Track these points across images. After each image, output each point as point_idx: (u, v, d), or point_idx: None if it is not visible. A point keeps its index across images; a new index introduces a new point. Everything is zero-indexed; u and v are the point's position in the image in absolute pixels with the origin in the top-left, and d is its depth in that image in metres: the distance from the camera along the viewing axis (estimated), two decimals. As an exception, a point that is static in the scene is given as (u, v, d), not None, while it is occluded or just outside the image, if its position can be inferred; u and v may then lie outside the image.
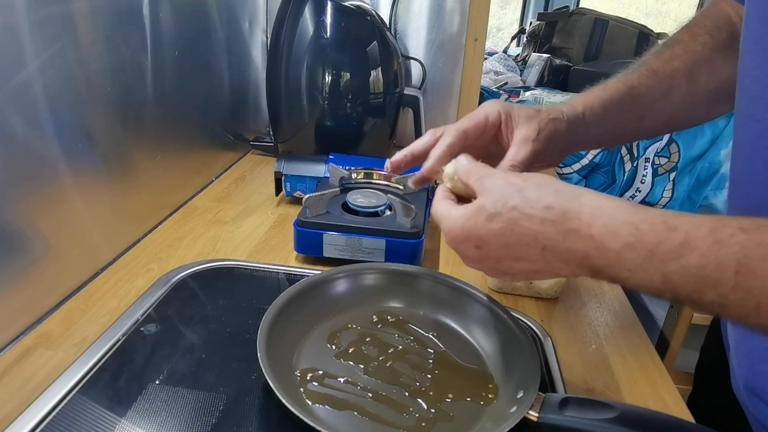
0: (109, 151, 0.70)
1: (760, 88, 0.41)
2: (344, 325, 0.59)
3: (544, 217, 0.38)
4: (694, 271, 0.32)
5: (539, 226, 0.38)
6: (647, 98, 0.54)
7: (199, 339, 0.58)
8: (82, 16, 0.62)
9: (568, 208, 0.37)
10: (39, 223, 0.59)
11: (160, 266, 0.72)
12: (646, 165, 1.44)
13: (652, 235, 0.34)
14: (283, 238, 0.81)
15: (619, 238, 0.35)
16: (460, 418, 0.49)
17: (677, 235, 0.33)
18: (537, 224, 0.38)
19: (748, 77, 0.43)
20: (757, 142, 0.41)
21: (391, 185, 0.84)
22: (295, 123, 1.02)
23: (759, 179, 0.42)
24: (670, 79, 0.54)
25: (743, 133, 0.44)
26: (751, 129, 0.42)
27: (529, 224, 0.38)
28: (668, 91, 0.54)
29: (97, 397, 0.49)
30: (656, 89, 0.54)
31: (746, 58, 0.43)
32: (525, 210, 0.39)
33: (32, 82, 0.56)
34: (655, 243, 0.34)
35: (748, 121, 0.43)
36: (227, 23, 1.00)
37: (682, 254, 0.33)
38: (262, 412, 0.49)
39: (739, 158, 0.45)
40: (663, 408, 0.54)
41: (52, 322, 0.60)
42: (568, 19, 1.99)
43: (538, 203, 0.38)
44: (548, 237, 0.38)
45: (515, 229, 0.39)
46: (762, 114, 0.40)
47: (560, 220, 0.37)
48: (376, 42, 0.98)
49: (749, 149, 0.42)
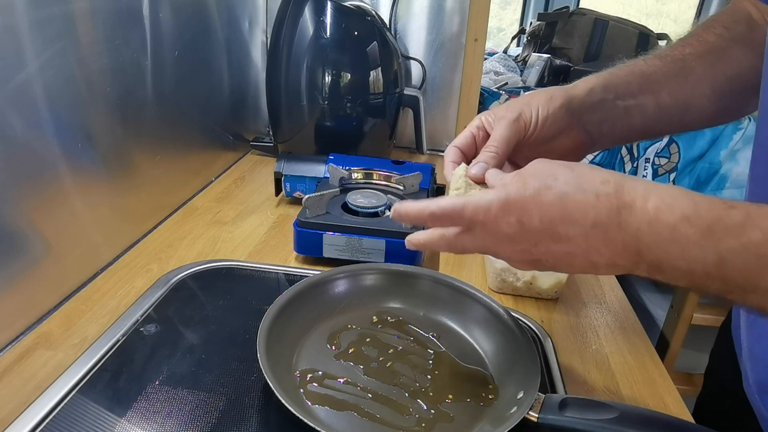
0: (109, 152, 0.70)
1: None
2: (344, 325, 0.59)
3: (600, 191, 0.35)
4: (755, 249, 0.30)
5: (594, 199, 0.35)
6: (658, 75, 0.53)
7: (198, 339, 0.58)
8: (82, 16, 0.62)
9: (624, 182, 0.36)
10: (39, 224, 0.59)
11: (159, 266, 0.72)
12: (646, 165, 1.43)
13: (712, 210, 0.32)
14: (282, 239, 0.81)
15: (677, 211, 0.33)
16: (459, 418, 0.49)
17: (737, 213, 0.31)
18: (592, 198, 0.35)
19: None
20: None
21: (391, 185, 0.84)
22: (294, 123, 1.02)
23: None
24: (681, 61, 0.53)
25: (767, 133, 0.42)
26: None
27: (584, 197, 0.36)
28: (683, 72, 0.53)
29: (96, 397, 0.49)
30: (667, 67, 0.53)
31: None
32: (581, 184, 0.36)
33: (32, 82, 0.56)
34: (715, 218, 0.32)
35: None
36: (227, 23, 1.00)
37: (744, 231, 0.31)
38: (261, 412, 0.49)
39: (761, 158, 0.44)
40: (663, 408, 0.54)
41: (51, 322, 0.60)
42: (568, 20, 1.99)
43: (594, 177, 0.36)
44: (601, 212, 0.35)
45: (567, 203, 0.36)
46: None
47: (616, 193, 0.35)
48: (376, 42, 0.98)
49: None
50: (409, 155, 1.17)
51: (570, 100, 0.50)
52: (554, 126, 0.50)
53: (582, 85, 0.51)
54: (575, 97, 0.50)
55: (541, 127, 0.49)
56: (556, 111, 0.49)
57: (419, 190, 0.82)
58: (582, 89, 0.51)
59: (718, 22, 0.56)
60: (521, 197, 0.37)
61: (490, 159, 0.47)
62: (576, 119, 0.51)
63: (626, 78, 0.52)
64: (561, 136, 0.51)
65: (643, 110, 0.53)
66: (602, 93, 0.51)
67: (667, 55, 0.54)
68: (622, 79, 0.52)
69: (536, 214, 0.37)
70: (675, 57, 0.53)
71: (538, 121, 0.49)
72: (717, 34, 0.54)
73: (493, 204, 0.38)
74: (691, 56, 0.53)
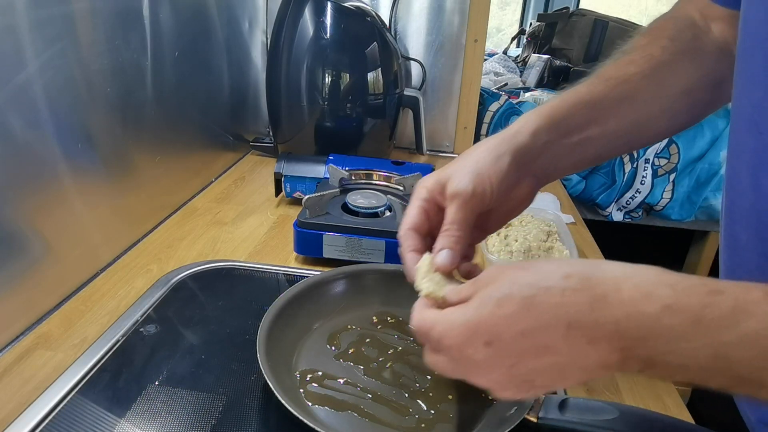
0: (108, 152, 0.70)
1: (764, 96, 0.38)
2: (344, 326, 0.59)
3: (565, 287, 0.32)
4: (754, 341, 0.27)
5: (560, 297, 0.32)
6: (604, 102, 0.49)
7: (198, 340, 0.58)
8: (82, 16, 0.62)
9: (589, 273, 0.32)
10: (39, 224, 0.59)
11: (159, 267, 0.72)
12: (645, 166, 1.44)
13: (694, 296, 0.29)
14: (282, 239, 0.81)
15: (655, 300, 0.30)
16: (459, 419, 0.49)
17: (725, 299, 0.28)
18: (558, 296, 0.32)
19: (750, 82, 0.40)
20: (762, 154, 0.38)
21: (391, 186, 0.84)
22: (294, 124, 1.02)
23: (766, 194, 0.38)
24: (627, 83, 0.50)
25: (745, 144, 0.41)
26: (754, 140, 0.39)
27: (549, 298, 0.32)
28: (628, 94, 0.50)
29: (96, 397, 0.49)
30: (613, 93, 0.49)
31: (746, 63, 0.41)
32: (541, 283, 0.32)
33: (32, 82, 0.56)
34: (700, 306, 0.29)
35: (751, 131, 0.40)
36: (227, 24, 1.00)
37: (738, 320, 0.28)
38: (261, 413, 0.49)
39: (740, 170, 0.42)
40: (663, 409, 0.54)
41: (51, 322, 0.60)
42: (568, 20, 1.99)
43: (555, 273, 0.33)
44: (573, 309, 0.31)
45: (532, 309, 0.32)
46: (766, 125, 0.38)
47: (584, 287, 0.31)
48: (376, 43, 0.98)
49: (753, 161, 0.39)
50: (409, 156, 1.17)
51: (517, 154, 0.46)
52: (507, 186, 0.46)
53: (525, 130, 0.47)
54: (521, 148, 0.46)
55: (497, 196, 0.45)
56: (507, 172, 0.45)
57: (419, 191, 0.82)
58: (526, 135, 0.47)
59: (663, 32, 0.53)
60: (482, 316, 0.33)
61: (453, 244, 0.43)
62: (525, 170, 0.47)
63: (570, 111, 0.48)
64: (513, 190, 0.48)
65: (591, 143, 0.50)
66: (547, 134, 0.47)
67: (611, 77, 0.50)
68: (565, 113, 0.48)
69: (506, 331, 0.33)
70: (620, 78, 0.50)
71: (494, 192, 0.45)
72: (662, 47, 0.51)
73: (453, 332, 0.34)
74: (636, 76, 0.50)
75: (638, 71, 0.50)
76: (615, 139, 0.51)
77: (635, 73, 0.50)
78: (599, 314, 0.31)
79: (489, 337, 0.33)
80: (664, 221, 1.53)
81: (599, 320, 0.31)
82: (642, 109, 0.51)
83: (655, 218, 1.53)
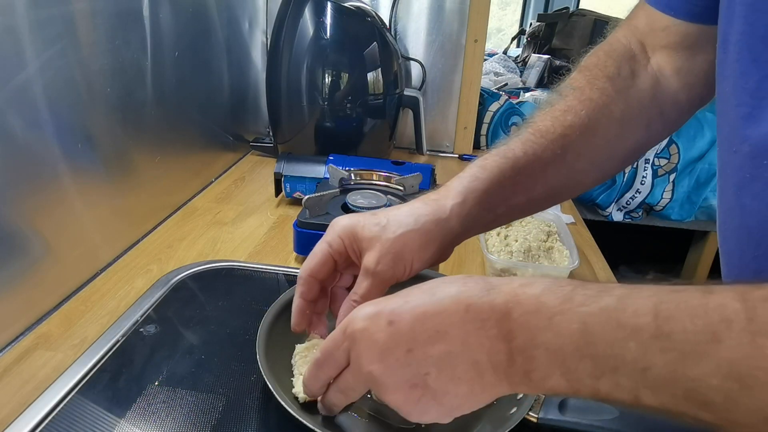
0: (108, 152, 0.70)
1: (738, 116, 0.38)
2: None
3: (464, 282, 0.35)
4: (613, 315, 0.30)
5: (462, 284, 0.35)
6: (535, 166, 0.47)
7: (198, 340, 0.58)
8: (83, 17, 0.62)
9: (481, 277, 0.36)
10: (38, 224, 0.59)
11: (159, 267, 0.72)
12: (645, 166, 1.44)
13: (568, 285, 0.32)
14: (282, 239, 0.81)
15: (538, 285, 0.33)
16: (459, 419, 0.49)
17: (594, 284, 0.32)
18: (457, 286, 0.35)
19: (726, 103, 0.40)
20: (741, 173, 0.39)
21: (391, 186, 0.84)
22: (294, 124, 1.02)
23: (751, 212, 0.39)
24: (563, 138, 0.48)
25: (727, 163, 0.41)
26: (734, 159, 0.40)
27: (452, 286, 0.35)
28: (562, 151, 0.48)
29: (96, 398, 0.49)
30: (546, 152, 0.47)
31: (723, 83, 0.41)
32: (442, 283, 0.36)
33: (32, 83, 0.56)
34: (572, 287, 0.32)
35: (730, 150, 0.40)
36: (227, 24, 1.00)
37: (600, 297, 0.30)
38: (261, 413, 0.49)
39: (726, 189, 0.42)
40: (663, 409, 0.54)
41: (51, 322, 0.60)
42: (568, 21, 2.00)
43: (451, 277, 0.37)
44: (471, 293, 0.34)
45: (435, 295, 0.35)
46: (741, 144, 0.38)
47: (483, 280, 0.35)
48: (376, 43, 0.98)
49: (735, 180, 0.40)
50: (409, 156, 1.17)
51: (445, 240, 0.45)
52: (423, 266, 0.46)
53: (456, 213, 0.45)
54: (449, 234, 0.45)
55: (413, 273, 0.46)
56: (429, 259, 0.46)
57: (419, 191, 0.82)
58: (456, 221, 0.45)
59: (602, 71, 0.50)
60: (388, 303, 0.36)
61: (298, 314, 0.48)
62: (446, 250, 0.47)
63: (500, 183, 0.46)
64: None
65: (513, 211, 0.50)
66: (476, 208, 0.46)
67: (547, 131, 0.48)
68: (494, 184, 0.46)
69: (406, 312, 0.35)
70: (556, 133, 0.47)
71: (410, 273, 0.45)
72: (600, 89, 0.49)
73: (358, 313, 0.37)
74: (572, 129, 0.48)
75: (575, 122, 0.48)
76: (537, 204, 0.51)
77: (571, 124, 0.48)
78: (493, 296, 0.34)
79: (392, 317, 0.35)
80: (664, 221, 1.53)
81: (493, 301, 0.33)
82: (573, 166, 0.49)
83: (655, 218, 1.53)
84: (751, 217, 0.39)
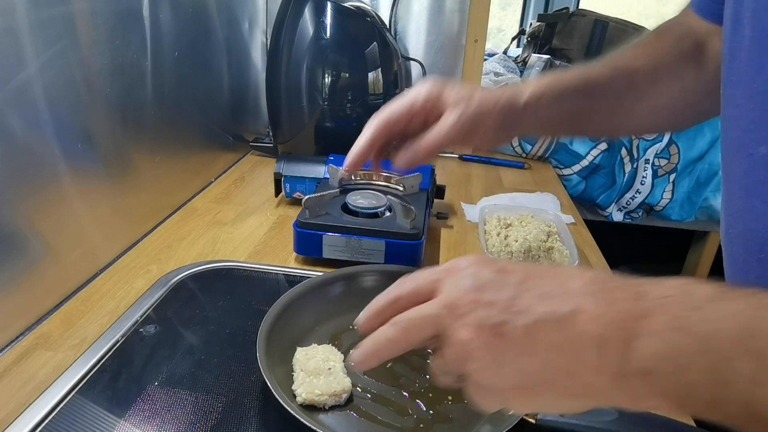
0: (108, 152, 0.70)
1: (750, 120, 0.39)
2: (344, 327, 0.59)
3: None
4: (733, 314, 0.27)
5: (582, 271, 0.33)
6: (604, 91, 0.53)
7: (198, 340, 0.58)
8: (83, 17, 0.62)
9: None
10: (38, 224, 0.59)
11: (159, 267, 0.72)
12: (646, 166, 1.44)
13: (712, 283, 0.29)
14: (282, 240, 0.81)
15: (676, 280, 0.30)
16: (458, 419, 0.49)
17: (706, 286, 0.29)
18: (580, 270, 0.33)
19: (737, 108, 0.41)
20: (751, 177, 0.39)
21: (391, 186, 0.84)
22: (294, 124, 1.02)
23: (758, 215, 0.39)
24: (631, 75, 0.54)
25: (736, 167, 0.41)
26: (744, 163, 0.40)
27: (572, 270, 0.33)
28: (628, 87, 0.53)
29: (96, 398, 0.49)
30: (615, 84, 0.53)
31: (732, 88, 0.42)
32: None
33: (32, 83, 0.56)
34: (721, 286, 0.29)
35: (739, 154, 0.40)
36: (227, 24, 1.00)
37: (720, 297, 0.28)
38: (261, 413, 0.49)
39: (733, 193, 0.42)
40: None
41: (51, 323, 0.60)
42: (568, 21, 1.99)
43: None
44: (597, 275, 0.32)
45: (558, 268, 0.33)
46: (755, 147, 0.38)
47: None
48: (376, 43, 0.98)
49: (744, 184, 0.40)
50: (408, 156, 1.17)
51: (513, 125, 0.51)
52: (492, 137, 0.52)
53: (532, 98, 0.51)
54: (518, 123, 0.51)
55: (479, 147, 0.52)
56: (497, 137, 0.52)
57: (419, 191, 0.82)
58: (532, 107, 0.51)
59: (671, 34, 0.56)
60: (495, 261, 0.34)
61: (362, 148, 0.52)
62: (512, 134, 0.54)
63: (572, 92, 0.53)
64: None
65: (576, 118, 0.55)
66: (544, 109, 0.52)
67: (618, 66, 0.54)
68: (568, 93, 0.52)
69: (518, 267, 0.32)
70: (626, 69, 0.54)
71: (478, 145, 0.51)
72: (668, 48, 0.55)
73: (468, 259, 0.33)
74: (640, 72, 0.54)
75: (643, 68, 0.53)
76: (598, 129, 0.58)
77: (640, 68, 0.53)
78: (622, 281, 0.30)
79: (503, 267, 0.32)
80: (664, 221, 1.53)
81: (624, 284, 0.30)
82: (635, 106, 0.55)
83: (655, 218, 1.53)
84: (759, 219, 0.39)
